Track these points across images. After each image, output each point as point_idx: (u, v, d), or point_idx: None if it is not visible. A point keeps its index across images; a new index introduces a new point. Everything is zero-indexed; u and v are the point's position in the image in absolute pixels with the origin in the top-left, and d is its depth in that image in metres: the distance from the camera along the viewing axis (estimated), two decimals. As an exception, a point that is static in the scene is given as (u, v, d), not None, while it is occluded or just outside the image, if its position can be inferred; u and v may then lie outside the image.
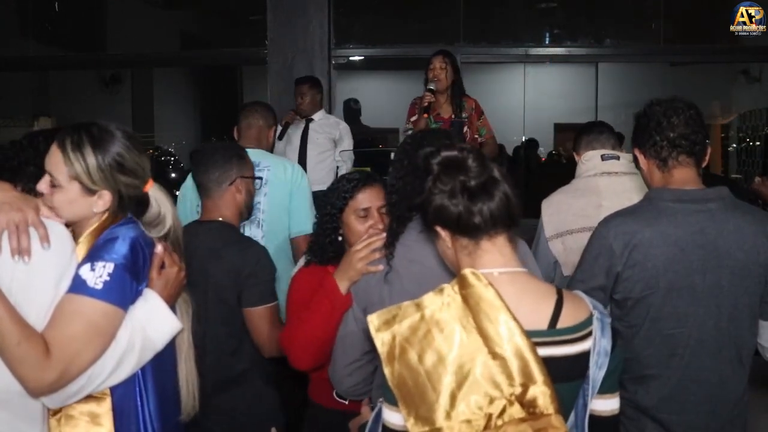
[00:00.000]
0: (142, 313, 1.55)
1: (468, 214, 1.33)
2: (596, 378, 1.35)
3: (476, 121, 4.29)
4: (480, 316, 1.26)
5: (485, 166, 1.34)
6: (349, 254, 1.93)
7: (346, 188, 2.07)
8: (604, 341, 1.35)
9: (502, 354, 1.23)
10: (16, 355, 1.37)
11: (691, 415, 1.85)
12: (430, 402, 1.23)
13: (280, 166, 3.18)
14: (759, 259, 1.83)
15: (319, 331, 1.94)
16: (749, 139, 8.48)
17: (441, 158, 1.35)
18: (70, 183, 1.55)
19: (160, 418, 1.58)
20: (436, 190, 1.35)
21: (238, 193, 2.36)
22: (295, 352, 2.02)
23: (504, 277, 1.34)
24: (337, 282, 1.92)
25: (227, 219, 2.34)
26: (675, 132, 1.88)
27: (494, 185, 1.33)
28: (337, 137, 4.64)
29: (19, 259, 1.41)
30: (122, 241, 1.51)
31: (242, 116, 3.30)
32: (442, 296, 1.30)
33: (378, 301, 1.82)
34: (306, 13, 5.73)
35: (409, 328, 1.28)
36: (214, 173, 2.34)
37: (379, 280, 1.84)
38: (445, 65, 4.21)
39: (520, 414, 1.22)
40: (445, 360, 1.24)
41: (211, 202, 2.35)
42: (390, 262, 1.83)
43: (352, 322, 1.89)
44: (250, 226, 3.03)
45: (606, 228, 1.90)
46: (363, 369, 1.91)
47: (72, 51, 7.42)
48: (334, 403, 2.14)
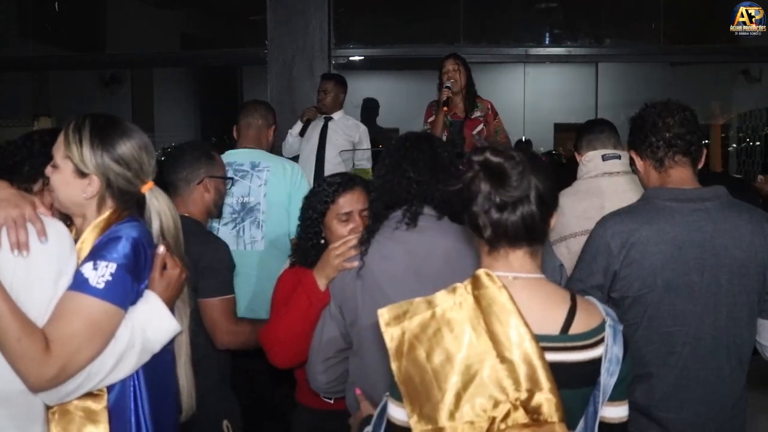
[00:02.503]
0: (142, 313, 1.56)
1: (485, 225, 1.31)
2: (607, 385, 1.34)
3: (492, 121, 4.33)
4: (491, 319, 1.25)
5: (521, 184, 1.29)
6: (327, 252, 1.96)
7: (327, 192, 2.09)
8: (615, 348, 1.35)
9: (510, 358, 1.23)
10: (16, 350, 1.38)
11: (689, 413, 1.85)
12: (434, 401, 1.23)
13: (280, 167, 3.18)
14: (757, 258, 1.84)
15: (297, 327, 1.97)
16: (749, 139, 8.47)
17: (484, 159, 1.31)
18: (64, 162, 1.58)
19: (154, 418, 1.58)
20: (467, 192, 1.32)
21: (207, 192, 2.38)
22: (274, 349, 2.04)
23: (519, 281, 1.33)
24: (315, 279, 1.95)
25: (193, 215, 2.36)
26: (670, 132, 1.90)
27: (521, 204, 1.29)
28: (357, 140, 4.58)
29: (18, 253, 1.42)
30: (125, 241, 1.52)
31: (242, 115, 3.29)
32: (455, 295, 1.29)
33: (351, 296, 1.87)
34: (306, 13, 5.73)
35: (419, 325, 1.27)
36: (182, 172, 2.37)
37: (353, 277, 1.88)
38: (458, 66, 4.24)
39: (524, 419, 1.22)
40: (453, 360, 1.24)
41: (179, 200, 2.36)
42: (363, 258, 1.86)
43: (329, 319, 1.92)
44: (251, 227, 3.03)
45: (603, 227, 1.91)
46: (337, 367, 1.94)
47: (72, 51, 7.42)
48: (320, 403, 2.15)
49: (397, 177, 1.91)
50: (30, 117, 7.09)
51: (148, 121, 8.64)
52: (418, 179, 1.90)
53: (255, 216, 3.01)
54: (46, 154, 1.65)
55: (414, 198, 1.89)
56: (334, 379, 1.95)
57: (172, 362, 1.71)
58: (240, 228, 3.08)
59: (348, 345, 1.93)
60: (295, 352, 2.02)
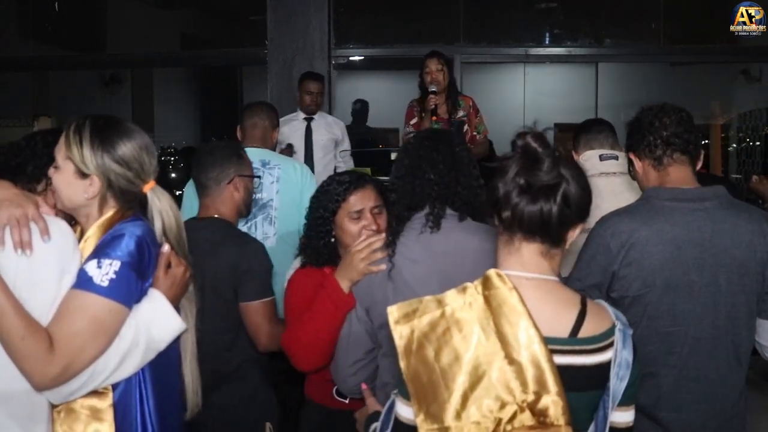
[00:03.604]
0: (147, 312, 1.56)
1: (506, 204, 1.31)
2: (617, 389, 1.33)
3: (474, 119, 4.31)
4: (500, 320, 1.25)
5: (550, 173, 1.27)
6: (350, 255, 1.93)
7: (338, 191, 2.07)
8: (625, 353, 1.34)
9: (518, 360, 1.23)
10: (20, 349, 1.38)
11: (689, 413, 1.85)
12: (441, 400, 1.23)
13: (290, 165, 3.22)
14: (756, 257, 1.84)
15: (323, 332, 1.94)
16: (749, 139, 8.47)
17: (524, 143, 1.30)
18: (65, 163, 1.59)
19: (160, 416, 1.59)
20: (501, 170, 1.31)
21: (236, 191, 2.37)
22: (299, 354, 2.02)
23: (530, 282, 1.33)
24: (338, 282, 1.93)
25: (224, 216, 2.35)
26: (668, 131, 1.91)
27: (544, 197, 1.28)
28: (339, 137, 4.59)
29: (22, 252, 1.43)
30: (129, 239, 1.53)
31: (246, 116, 3.30)
32: (465, 295, 1.29)
33: (382, 299, 1.83)
34: (306, 13, 5.73)
35: (429, 324, 1.27)
36: (212, 172, 2.36)
37: (383, 279, 1.86)
38: (442, 66, 4.23)
39: (530, 422, 1.22)
40: (461, 359, 1.24)
41: (209, 200, 2.36)
42: (392, 260, 1.85)
43: (356, 321, 1.90)
44: (263, 223, 3.05)
45: (603, 227, 1.91)
46: (367, 368, 1.92)
47: (72, 51, 7.42)
48: (332, 401, 2.14)
49: (418, 178, 1.90)
50: (30, 117, 7.09)
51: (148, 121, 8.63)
52: (438, 181, 1.89)
53: (267, 212, 3.03)
54: (49, 155, 1.66)
55: (435, 200, 1.88)
56: (364, 379, 1.91)
57: (177, 360, 1.72)
58: (252, 224, 3.10)
59: (375, 345, 1.91)
60: (319, 356, 1.99)
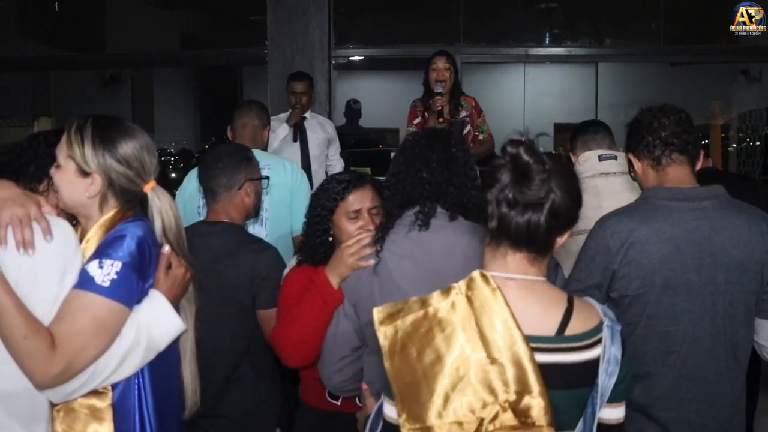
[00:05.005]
0: (147, 312, 1.57)
1: (493, 214, 1.31)
2: (606, 386, 1.34)
3: (477, 119, 4.30)
4: (483, 320, 1.26)
5: (539, 190, 1.27)
6: (340, 250, 1.93)
7: (337, 190, 2.07)
8: (614, 349, 1.35)
9: (500, 360, 1.23)
10: (22, 348, 1.39)
11: (688, 413, 1.86)
12: (423, 400, 1.23)
13: (280, 165, 3.19)
14: (754, 257, 1.84)
15: (310, 327, 1.94)
16: (749, 139, 8.48)
17: (516, 153, 1.30)
18: (67, 162, 1.59)
19: (159, 415, 1.59)
20: (491, 177, 1.32)
21: (247, 196, 2.34)
22: (286, 349, 2.02)
23: (516, 282, 1.33)
24: (328, 277, 1.93)
25: (234, 221, 2.33)
26: (666, 131, 1.92)
27: (531, 210, 1.28)
28: (331, 136, 4.59)
29: (24, 252, 1.44)
30: (130, 240, 1.53)
31: (236, 116, 3.28)
32: (449, 296, 1.29)
33: (368, 295, 1.84)
34: (306, 13, 5.73)
35: (412, 325, 1.28)
36: (222, 178, 2.30)
37: (369, 275, 1.86)
38: (449, 65, 4.20)
39: (512, 422, 1.22)
40: (443, 360, 1.24)
41: (219, 206, 2.32)
42: (380, 255, 1.85)
43: (343, 318, 1.90)
44: (254, 224, 3.03)
45: (602, 227, 1.92)
46: (353, 365, 1.92)
47: (72, 51, 7.43)
48: (325, 403, 2.14)
49: (410, 176, 1.90)
50: (30, 117, 7.11)
51: (148, 121, 8.65)
52: (430, 179, 1.88)
53: (260, 214, 3.01)
54: (51, 155, 1.66)
55: (426, 198, 1.87)
56: (349, 377, 1.93)
57: (177, 361, 1.72)
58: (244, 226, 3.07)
59: (362, 342, 1.91)
60: (308, 351, 1.98)
